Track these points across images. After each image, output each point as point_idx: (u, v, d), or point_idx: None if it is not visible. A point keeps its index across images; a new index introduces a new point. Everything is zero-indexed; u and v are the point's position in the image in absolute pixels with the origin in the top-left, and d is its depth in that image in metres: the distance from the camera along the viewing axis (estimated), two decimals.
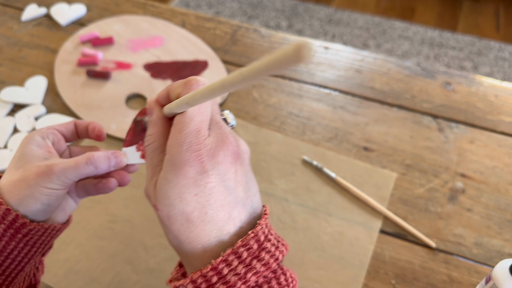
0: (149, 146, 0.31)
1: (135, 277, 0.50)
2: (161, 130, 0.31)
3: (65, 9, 0.85)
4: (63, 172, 0.33)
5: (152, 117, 0.31)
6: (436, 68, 0.75)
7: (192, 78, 0.29)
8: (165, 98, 0.31)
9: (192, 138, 0.27)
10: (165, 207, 0.28)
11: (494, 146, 0.64)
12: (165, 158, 0.28)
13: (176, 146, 0.27)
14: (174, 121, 0.29)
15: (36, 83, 0.72)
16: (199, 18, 0.84)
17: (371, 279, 0.51)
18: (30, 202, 0.33)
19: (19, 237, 0.34)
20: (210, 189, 0.27)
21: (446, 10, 2.08)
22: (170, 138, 0.28)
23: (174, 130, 0.28)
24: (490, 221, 0.56)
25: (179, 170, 0.27)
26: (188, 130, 0.27)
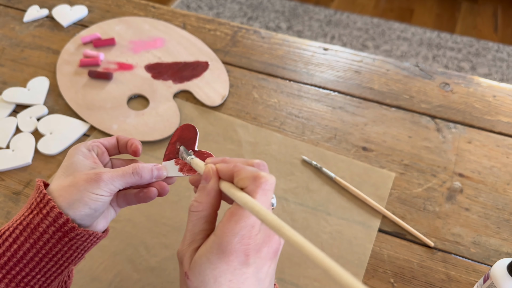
0: (195, 213, 0.31)
1: (136, 276, 0.51)
2: (212, 202, 0.32)
3: (67, 10, 0.85)
4: (111, 179, 0.36)
5: (207, 185, 0.32)
6: (435, 69, 0.75)
7: (263, 175, 0.30)
8: (227, 176, 0.32)
9: (246, 232, 0.29)
10: (197, 281, 0.29)
11: (492, 146, 0.64)
12: (213, 239, 0.29)
13: (229, 235, 0.28)
14: (232, 209, 0.29)
15: (38, 84, 0.72)
16: (199, 20, 0.84)
17: (370, 278, 0.51)
18: (79, 206, 0.35)
19: (66, 241, 0.36)
20: (245, 279, 0.29)
21: (444, 11, 2.09)
22: (224, 224, 0.29)
23: (230, 219, 0.29)
24: (488, 220, 0.56)
25: (225, 257, 0.28)
26: (245, 224, 0.29)
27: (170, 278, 0.51)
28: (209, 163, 0.34)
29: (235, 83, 0.73)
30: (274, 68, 0.76)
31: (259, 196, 0.29)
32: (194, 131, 0.40)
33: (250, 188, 0.29)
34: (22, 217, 0.36)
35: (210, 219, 0.32)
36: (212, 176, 0.32)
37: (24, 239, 0.35)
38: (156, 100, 0.69)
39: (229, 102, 0.70)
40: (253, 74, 0.75)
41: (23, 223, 0.35)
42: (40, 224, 0.35)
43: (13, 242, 0.35)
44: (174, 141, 0.41)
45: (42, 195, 0.35)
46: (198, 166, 0.36)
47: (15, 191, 0.59)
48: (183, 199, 0.58)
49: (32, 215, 0.35)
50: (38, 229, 0.35)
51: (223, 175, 0.32)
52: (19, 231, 0.35)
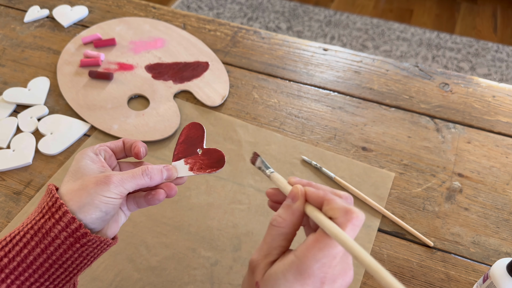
0: (277, 228, 0.32)
1: (137, 275, 0.51)
2: (294, 221, 0.32)
3: (67, 10, 0.85)
4: (121, 182, 0.36)
5: (294, 205, 0.32)
6: (434, 69, 0.76)
7: (355, 211, 0.30)
8: (315, 202, 0.32)
9: (327, 261, 0.29)
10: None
11: (491, 146, 0.64)
12: (293, 259, 0.29)
13: (311, 260, 0.29)
14: (318, 235, 0.30)
15: (38, 84, 0.72)
16: (199, 20, 0.84)
17: (369, 277, 0.51)
18: (90, 209, 0.35)
19: (77, 247, 0.35)
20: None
21: (444, 11, 2.09)
22: (308, 248, 0.29)
23: (314, 244, 0.29)
24: (487, 220, 0.56)
25: (302, 279, 0.29)
26: (328, 252, 0.29)
27: (171, 277, 0.51)
28: (296, 184, 0.34)
29: (235, 83, 0.73)
30: (274, 68, 0.76)
31: (348, 230, 0.29)
32: (202, 129, 0.40)
33: (340, 220, 0.30)
34: (33, 221, 0.35)
35: (289, 237, 0.32)
36: (300, 197, 0.32)
37: (35, 244, 0.34)
38: (156, 100, 0.69)
39: (229, 102, 0.70)
40: (253, 74, 0.75)
41: (35, 228, 0.35)
42: (52, 229, 0.34)
43: (23, 247, 0.34)
44: (182, 140, 0.41)
45: (54, 199, 0.35)
46: (278, 181, 0.36)
47: (15, 191, 0.59)
48: (183, 199, 0.58)
49: (44, 220, 0.35)
50: (50, 234, 0.34)
51: (310, 199, 0.32)
52: (30, 235, 0.35)
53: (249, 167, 0.61)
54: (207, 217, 0.56)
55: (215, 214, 0.57)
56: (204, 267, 0.52)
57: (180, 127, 0.66)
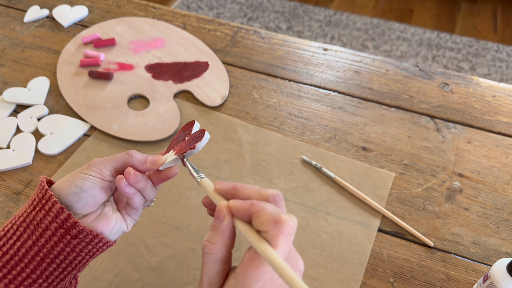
0: (210, 255, 0.30)
1: (137, 275, 0.51)
2: (226, 243, 0.30)
3: (67, 10, 0.85)
4: (101, 161, 0.37)
5: (221, 225, 0.30)
6: (434, 69, 0.76)
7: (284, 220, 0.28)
8: (244, 216, 0.30)
9: (268, 277, 0.28)
10: None
11: (491, 146, 0.64)
12: (234, 284, 0.28)
13: (251, 281, 0.27)
14: (253, 253, 0.28)
15: (38, 84, 0.72)
16: (199, 20, 0.84)
17: (369, 277, 0.51)
18: (66, 185, 0.36)
19: (68, 239, 0.35)
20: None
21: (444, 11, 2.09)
22: (245, 269, 0.28)
23: (251, 264, 0.28)
24: (488, 220, 0.56)
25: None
26: (266, 270, 0.28)
27: (171, 277, 0.51)
28: (220, 190, 0.32)
29: (235, 83, 0.73)
30: (274, 68, 0.76)
31: (281, 242, 0.27)
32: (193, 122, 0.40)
33: (272, 233, 0.28)
34: (24, 213, 0.36)
35: (225, 259, 0.30)
36: (225, 215, 0.30)
37: (27, 236, 0.35)
38: (156, 100, 0.69)
39: (229, 102, 0.70)
40: (253, 74, 0.75)
41: (27, 220, 0.35)
42: (43, 220, 0.35)
43: (17, 240, 0.35)
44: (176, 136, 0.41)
45: (44, 191, 0.35)
46: (207, 190, 0.34)
47: (15, 191, 0.59)
48: (183, 199, 0.58)
49: (35, 212, 0.35)
50: (41, 225, 0.34)
51: (238, 213, 0.30)
52: (23, 228, 0.35)
53: (249, 167, 0.61)
54: (207, 217, 0.56)
55: None
56: None
57: (180, 127, 0.66)
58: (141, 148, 0.64)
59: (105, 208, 0.39)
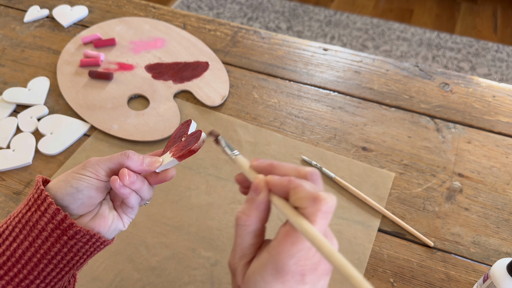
0: (244, 227, 0.29)
1: (137, 276, 0.51)
2: (261, 216, 0.30)
3: (67, 10, 0.85)
4: (97, 161, 0.36)
5: (257, 198, 0.30)
6: (434, 69, 0.76)
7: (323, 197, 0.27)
8: (281, 191, 0.29)
9: (303, 254, 0.27)
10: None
11: (491, 146, 0.64)
12: (267, 258, 0.28)
13: (285, 257, 0.27)
14: (289, 229, 0.28)
15: (38, 84, 0.72)
16: (199, 20, 0.84)
17: (369, 278, 0.51)
18: (61, 185, 0.35)
19: (65, 240, 0.35)
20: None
21: (444, 11, 2.09)
22: (280, 244, 0.27)
23: (286, 239, 0.27)
24: (488, 220, 0.56)
25: (280, 277, 0.27)
26: (302, 246, 0.27)
27: (171, 277, 0.51)
28: (257, 167, 0.31)
29: (235, 83, 0.73)
30: (274, 68, 0.76)
31: (319, 219, 0.27)
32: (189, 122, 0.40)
33: (310, 210, 0.27)
34: (20, 214, 0.35)
35: (259, 233, 0.30)
36: (263, 188, 0.30)
37: (23, 237, 0.34)
38: (156, 100, 0.69)
39: (229, 102, 0.70)
40: (253, 74, 0.75)
41: (22, 221, 0.35)
42: (39, 221, 0.34)
43: (13, 241, 0.34)
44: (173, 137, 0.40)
45: (39, 191, 0.35)
46: (243, 166, 0.33)
47: (15, 191, 0.59)
48: (183, 199, 0.58)
49: (31, 212, 0.35)
50: (37, 227, 0.34)
51: (275, 189, 0.30)
52: (19, 229, 0.35)
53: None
54: (207, 217, 0.56)
55: (215, 214, 0.57)
56: (204, 267, 0.52)
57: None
58: (141, 148, 0.64)
59: (101, 207, 0.38)
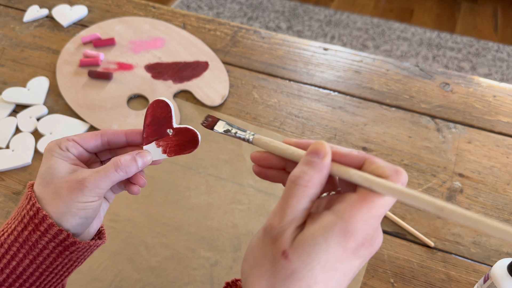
0: (303, 188, 0.27)
1: (137, 276, 0.51)
2: (322, 181, 0.28)
3: (66, 10, 0.85)
4: (95, 184, 0.33)
5: (321, 162, 0.27)
6: (434, 69, 0.75)
7: (403, 170, 0.27)
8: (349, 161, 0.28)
9: (373, 222, 0.26)
10: (300, 263, 0.25)
11: (491, 146, 0.64)
12: (335, 221, 0.26)
13: (359, 221, 0.25)
14: (365, 194, 0.26)
15: (38, 84, 0.72)
16: (199, 20, 0.84)
17: (370, 278, 0.51)
18: (68, 218, 0.33)
19: (66, 254, 0.34)
20: (347, 271, 0.26)
21: (444, 11, 2.09)
22: (354, 208, 0.26)
23: (362, 203, 0.26)
24: None
25: (344, 241, 0.25)
26: (376, 213, 0.26)
27: (170, 277, 0.51)
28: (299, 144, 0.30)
29: (235, 83, 0.73)
30: (274, 68, 0.76)
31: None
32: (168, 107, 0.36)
33: (393, 179, 0.26)
34: (15, 232, 0.34)
35: (314, 199, 0.27)
36: (327, 153, 0.28)
37: (22, 256, 0.33)
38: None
39: (229, 102, 0.70)
40: (253, 74, 0.75)
41: (19, 240, 0.33)
42: (39, 241, 0.33)
43: (11, 259, 0.33)
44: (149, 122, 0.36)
45: (35, 209, 0.33)
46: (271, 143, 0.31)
47: (15, 191, 0.59)
48: (183, 199, 0.58)
49: (28, 232, 0.33)
50: (38, 246, 0.33)
51: (342, 157, 0.28)
52: (16, 248, 0.33)
53: (249, 167, 0.61)
54: (207, 217, 0.56)
55: (215, 214, 0.56)
56: (204, 268, 0.52)
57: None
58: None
59: None
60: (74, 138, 0.36)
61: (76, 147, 0.35)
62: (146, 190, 0.59)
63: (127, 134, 0.37)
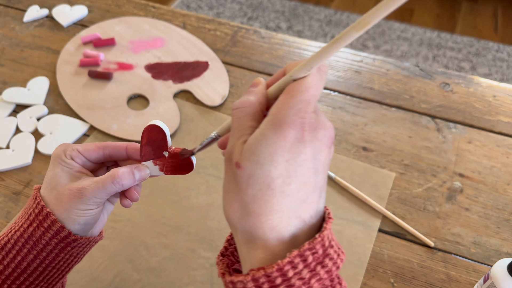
0: (241, 109, 0.29)
1: (136, 276, 0.51)
2: (260, 100, 0.30)
3: (66, 10, 0.85)
4: (93, 194, 0.35)
5: (256, 88, 0.30)
6: (435, 69, 0.75)
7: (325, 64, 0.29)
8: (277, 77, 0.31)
9: (302, 106, 0.27)
10: (251, 165, 0.26)
11: (492, 146, 0.64)
12: (266, 119, 0.27)
13: (285, 109, 0.27)
14: (287, 89, 0.28)
15: (38, 84, 0.72)
16: (199, 20, 0.84)
17: (370, 278, 0.51)
18: (69, 224, 0.36)
19: (68, 250, 0.37)
20: (302, 160, 0.26)
21: (444, 11, 2.09)
22: (279, 101, 0.27)
23: (285, 96, 0.27)
24: (488, 220, 0.56)
25: (281, 130, 0.26)
26: (301, 98, 0.27)
27: (170, 278, 0.51)
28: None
29: (235, 83, 0.73)
30: (274, 68, 0.76)
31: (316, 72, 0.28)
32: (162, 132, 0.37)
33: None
34: (21, 228, 0.36)
35: (257, 117, 0.29)
36: (260, 82, 0.31)
37: (27, 251, 0.36)
38: (156, 100, 0.69)
39: (229, 102, 0.70)
40: (253, 74, 0.75)
41: (24, 236, 0.36)
42: (43, 237, 0.35)
43: (16, 254, 0.36)
44: (145, 142, 0.38)
45: (40, 207, 0.35)
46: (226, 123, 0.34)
47: (15, 191, 0.59)
48: (183, 199, 0.58)
49: (33, 228, 0.36)
50: (41, 242, 0.35)
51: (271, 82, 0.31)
52: (22, 243, 0.36)
53: None
54: (207, 217, 0.56)
55: (215, 214, 0.56)
56: (204, 268, 0.52)
57: (180, 127, 0.66)
58: None
59: None
60: (78, 149, 0.38)
61: (80, 157, 0.38)
62: (146, 190, 0.59)
63: (127, 149, 0.39)
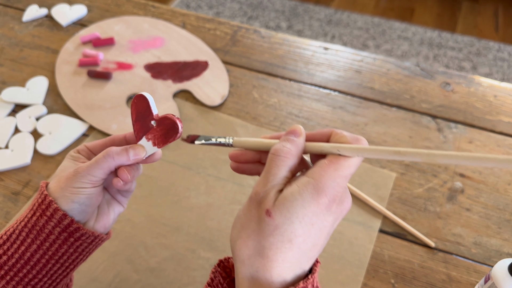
0: (283, 158, 0.31)
1: (136, 277, 0.51)
2: (299, 154, 0.32)
3: (66, 9, 0.85)
4: (87, 170, 0.36)
5: (297, 139, 0.32)
6: (435, 69, 0.75)
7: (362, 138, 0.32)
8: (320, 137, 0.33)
9: (340, 181, 0.30)
10: (281, 218, 0.29)
11: (493, 146, 0.64)
12: (308, 180, 0.30)
13: (328, 179, 0.30)
14: (332, 158, 0.31)
15: (37, 84, 0.72)
16: (199, 19, 0.84)
17: (370, 278, 0.51)
18: (62, 203, 0.36)
19: (71, 241, 0.37)
20: (323, 227, 0.30)
21: (445, 10, 2.09)
22: (324, 169, 0.30)
23: (329, 165, 0.30)
24: (489, 220, 0.56)
25: (318, 197, 0.29)
26: (343, 173, 0.30)
27: (170, 278, 0.51)
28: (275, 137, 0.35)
29: (235, 83, 0.73)
30: (274, 67, 0.75)
31: None
32: (145, 99, 0.38)
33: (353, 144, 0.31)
34: (26, 218, 0.37)
35: (293, 169, 0.32)
36: (302, 132, 0.33)
37: (31, 241, 0.36)
38: (155, 99, 0.69)
39: (229, 102, 0.70)
40: (253, 73, 0.74)
41: (28, 225, 0.36)
42: (46, 225, 0.36)
43: (20, 244, 0.36)
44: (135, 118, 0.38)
45: (43, 196, 0.36)
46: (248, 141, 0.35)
47: (14, 191, 0.59)
48: (183, 199, 0.58)
49: (36, 217, 0.36)
50: (44, 231, 0.36)
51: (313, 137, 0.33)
52: (26, 233, 0.36)
53: None
54: (207, 217, 0.56)
55: (215, 214, 0.56)
56: (204, 268, 0.51)
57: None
58: None
59: (100, 206, 0.40)
60: (86, 145, 0.41)
61: (86, 151, 0.40)
62: (145, 191, 0.58)
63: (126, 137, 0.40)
